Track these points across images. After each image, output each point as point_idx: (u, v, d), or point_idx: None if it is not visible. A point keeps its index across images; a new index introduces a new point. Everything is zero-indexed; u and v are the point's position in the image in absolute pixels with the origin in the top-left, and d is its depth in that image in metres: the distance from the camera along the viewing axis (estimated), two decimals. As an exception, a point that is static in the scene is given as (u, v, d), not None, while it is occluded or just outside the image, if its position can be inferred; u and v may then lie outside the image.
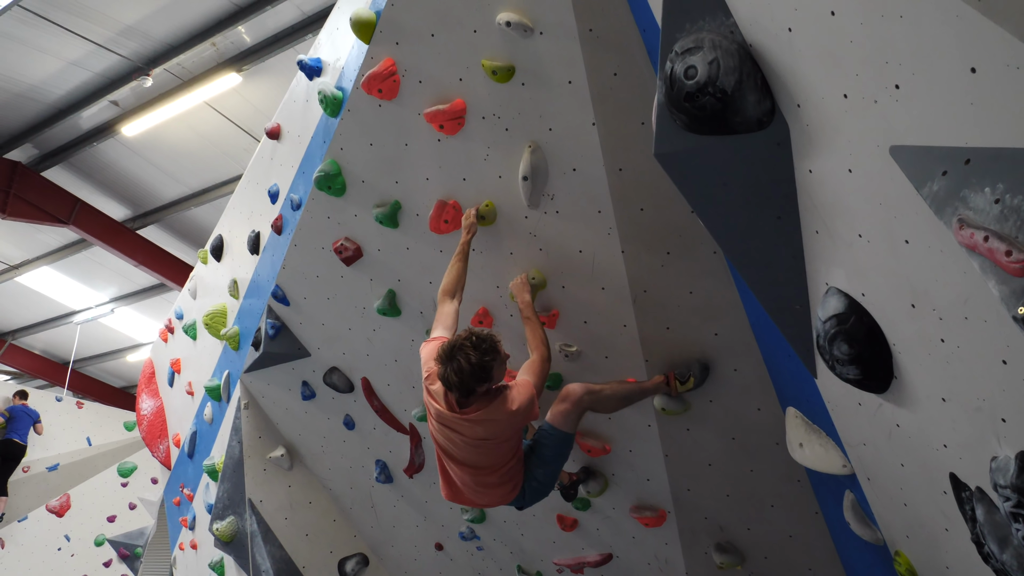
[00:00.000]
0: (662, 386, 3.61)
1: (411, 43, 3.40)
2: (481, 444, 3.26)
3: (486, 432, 3.22)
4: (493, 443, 3.26)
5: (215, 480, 6.09)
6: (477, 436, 3.23)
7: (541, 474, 3.48)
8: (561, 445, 3.49)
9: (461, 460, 3.36)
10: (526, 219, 3.58)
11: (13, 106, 10.02)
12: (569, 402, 3.44)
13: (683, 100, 2.22)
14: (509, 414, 3.17)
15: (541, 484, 3.50)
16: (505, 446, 3.30)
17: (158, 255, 12.60)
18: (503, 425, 3.20)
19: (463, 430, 3.24)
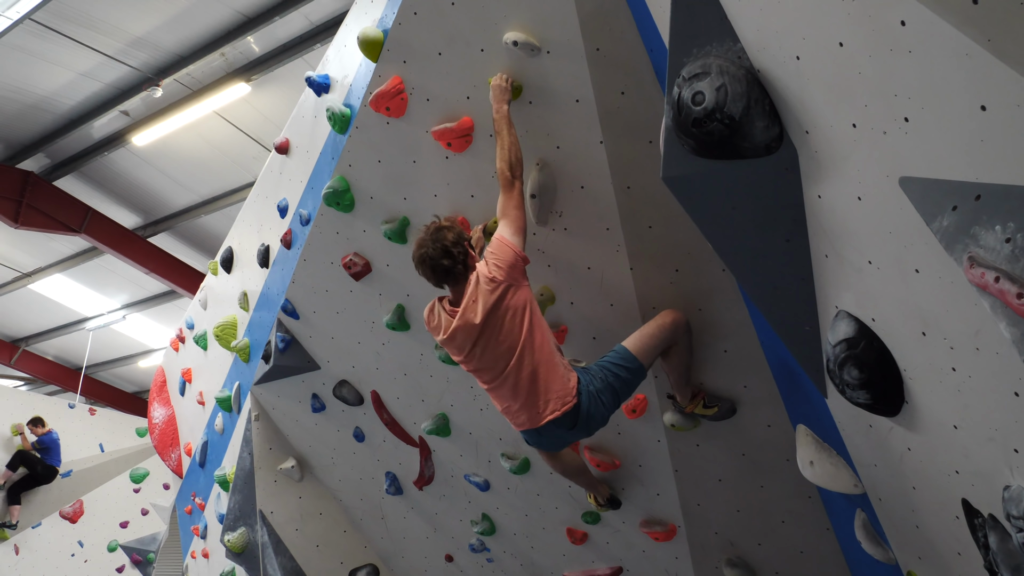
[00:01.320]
0: (688, 394, 3.48)
1: (419, 62, 3.41)
2: (489, 335, 3.08)
3: (483, 312, 3.06)
4: (497, 325, 3.07)
5: (226, 490, 6.12)
6: (480, 325, 3.07)
7: (598, 387, 3.15)
8: (629, 370, 3.19)
9: (490, 372, 3.17)
10: (534, 236, 3.57)
11: (25, 117, 10.10)
12: (662, 323, 3.24)
13: (691, 126, 2.22)
14: (488, 279, 3.05)
15: (596, 395, 3.15)
16: (512, 323, 3.07)
17: (169, 262, 12.67)
18: (490, 293, 3.05)
19: (468, 332, 3.11)
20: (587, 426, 3.21)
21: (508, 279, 3.07)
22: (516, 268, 3.08)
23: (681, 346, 3.33)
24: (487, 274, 3.08)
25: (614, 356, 3.23)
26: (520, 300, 3.10)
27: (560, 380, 3.12)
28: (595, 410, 3.15)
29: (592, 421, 3.19)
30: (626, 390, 3.23)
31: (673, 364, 3.39)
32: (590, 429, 3.24)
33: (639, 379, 3.23)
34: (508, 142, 3.11)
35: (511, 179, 3.09)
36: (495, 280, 3.07)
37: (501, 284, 3.07)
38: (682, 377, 3.44)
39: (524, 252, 3.11)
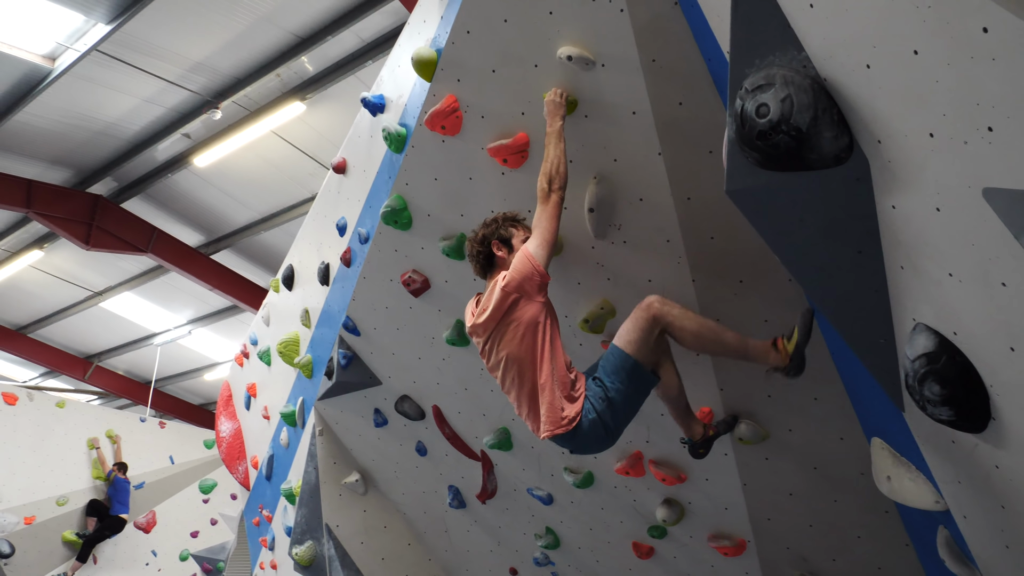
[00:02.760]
0: (770, 352, 3.01)
1: (472, 80, 3.42)
2: (493, 340, 3.12)
3: (488, 316, 3.09)
4: (500, 333, 3.09)
5: (292, 503, 6.22)
6: (482, 326, 3.13)
7: (599, 406, 3.07)
8: (623, 374, 3.06)
9: (497, 376, 3.22)
10: (593, 249, 3.55)
11: (94, 143, 10.50)
12: (636, 312, 3.09)
13: (755, 138, 2.16)
14: (498, 287, 3.07)
15: (599, 420, 3.07)
16: (514, 335, 3.07)
17: (231, 278, 13.02)
18: (499, 300, 3.06)
19: (475, 331, 3.20)
20: (589, 447, 3.23)
21: (516, 291, 3.06)
22: (529, 281, 3.05)
23: (683, 331, 3.08)
24: (500, 282, 3.11)
25: (607, 362, 3.14)
26: (528, 315, 3.08)
27: (555, 409, 3.08)
28: (594, 434, 3.11)
29: (592, 443, 3.18)
30: (629, 396, 3.11)
31: (694, 340, 3.11)
32: (596, 448, 3.26)
33: (639, 377, 3.09)
34: (552, 155, 3.09)
35: (547, 191, 3.07)
36: (505, 290, 3.08)
37: (510, 295, 3.07)
38: (723, 347, 3.13)
39: (544, 268, 3.06)
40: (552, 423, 3.09)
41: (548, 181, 3.07)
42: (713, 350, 3.19)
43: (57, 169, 11.15)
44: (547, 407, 3.09)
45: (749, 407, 3.58)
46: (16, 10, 8.05)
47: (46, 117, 9.79)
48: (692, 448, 3.43)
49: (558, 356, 3.13)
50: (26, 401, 11.16)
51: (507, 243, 3.27)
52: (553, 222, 3.08)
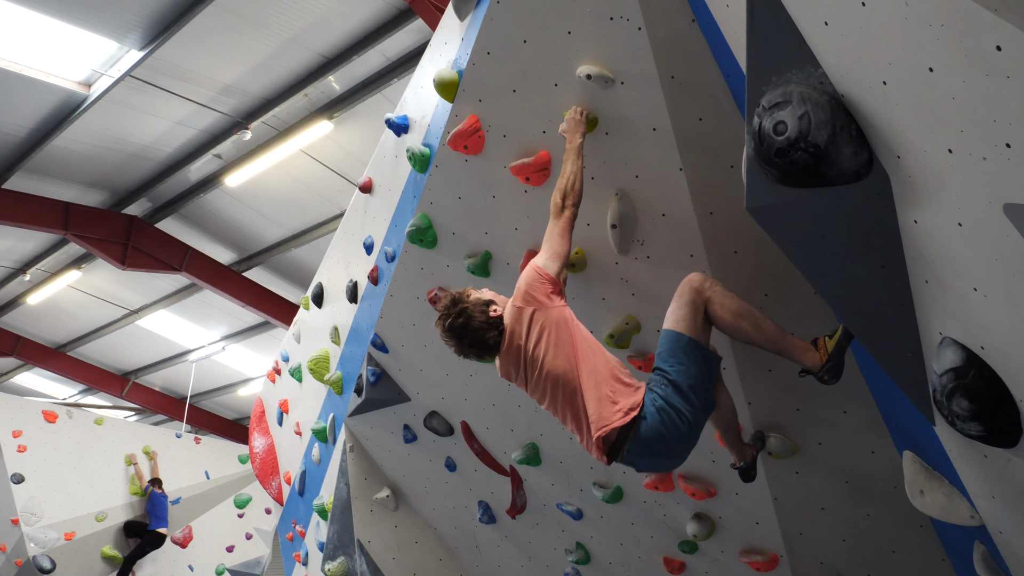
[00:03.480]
0: (808, 351, 2.84)
1: (494, 100, 3.45)
2: (534, 363, 2.96)
3: (511, 342, 2.98)
4: (528, 353, 2.96)
5: (325, 519, 6.28)
6: (522, 356, 2.99)
7: (663, 391, 2.83)
8: (680, 354, 2.85)
9: (549, 401, 3.04)
10: (616, 265, 3.56)
11: (129, 166, 10.75)
12: (679, 290, 2.94)
13: (774, 156, 2.16)
14: (515, 311, 2.97)
15: (667, 406, 2.80)
16: (553, 348, 2.93)
17: (263, 295, 13.21)
18: (520, 324, 2.95)
19: (512, 362, 3.04)
20: (658, 450, 2.87)
21: (526, 301, 2.97)
22: (537, 290, 2.95)
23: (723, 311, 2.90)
24: (517, 306, 3.00)
25: (661, 347, 2.95)
26: (550, 322, 2.95)
27: (604, 404, 2.86)
28: (668, 423, 2.81)
29: (667, 438, 2.83)
30: (693, 376, 2.85)
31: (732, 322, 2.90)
32: (666, 451, 2.89)
33: (699, 355, 2.87)
34: (569, 171, 3.05)
35: (560, 207, 3.02)
36: (516, 305, 3.00)
37: (523, 309, 2.98)
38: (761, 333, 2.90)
39: (554, 275, 2.97)
40: (602, 420, 2.84)
41: (562, 196, 3.03)
42: (750, 336, 2.90)
43: (94, 192, 11.42)
44: (595, 406, 2.86)
45: (778, 421, 3.55)
46: (53, 39, 8.29)
47: (83, 141, 10.05)
48: (745, 472, 3.26)
49: (597, 354, 2.96)
50: (66, 419, 11.40)
51: (496, 327, 3.05)
52: (565, 238, 3.02)
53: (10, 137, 9.98)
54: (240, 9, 7.94)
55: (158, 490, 11.47)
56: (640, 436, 2.82)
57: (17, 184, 10.84)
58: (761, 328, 2.87)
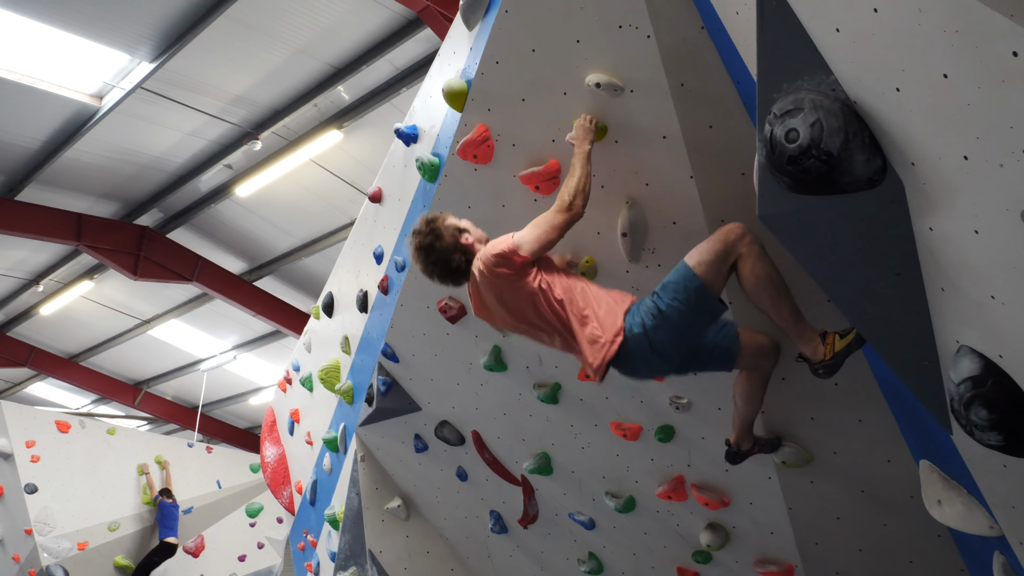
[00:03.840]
0: (814, 341, 2.84)
1: (503, 109, 3.45)
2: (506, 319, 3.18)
3: (483, 296, 3.17)
4: (502, 302, 3.11)
5: (336, 529, 6.27)
6: (489, 303, 3.17)
7: (648, 320, 2.86)
8: (684, 293, 2.83)
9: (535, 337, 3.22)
10: (627, 273, 3.54)
11: (140, 177, 10.82)
12: (715, 234, 2.87)
13: (786, 163, 2.14)
14: (475, 273, 3.09)
15: (644, 336, 2.86)
16: (519, 302, 3.05)
17: (274, 304, 13.25)
18: (484, 284, 3.09)
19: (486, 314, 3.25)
20: (638, 369, 3.01)
21: (487, 274, 3.06)
22: (497, 268, 3.02)
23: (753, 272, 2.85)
24: (477, 268, 3.10)
25: (670, 276, 2.93)
26: (518, 294, 3.05)
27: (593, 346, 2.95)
28: (639, 352, 2.90)
29: (639, 364, 2.95)
30: (684, 314, 2.84)
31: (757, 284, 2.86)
32: (643, 372, 3.05)
33: (702, 297, 2.83)
34: (579, 174, 3.02)
35: (568, 204, 2.98)
36: (480, 270, 3.09)
37: (485, 277, 3.08)
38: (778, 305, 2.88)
39: (526, 255, 2.99)
40: (595, 359, 2.95)
41: (572, 195, 2.98)
42: (765, 306, 2.87)
43: (105, 203, 11.50)
44: (586, 347, 2.97)
45: (791, 430, 3.52)
46: (65, 52, 8.36)
47: (94, 153, 10.12)
48: (732, 455, 3.38)
49: (576, 299, 3.00)
50: (79, 429, 11.44)
51: (462, 237, 3.20)
52: (558, 232, 3.01)
53: (23, 149, 10.07)
54: (250, 20, 7.99)
55: (168, 500, 11.49)
56: (621, 356, 2.93)
57: (30, 196, 10.93)
58: (779, 305, 2.85)
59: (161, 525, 11.32)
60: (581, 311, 3.00)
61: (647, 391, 3.89)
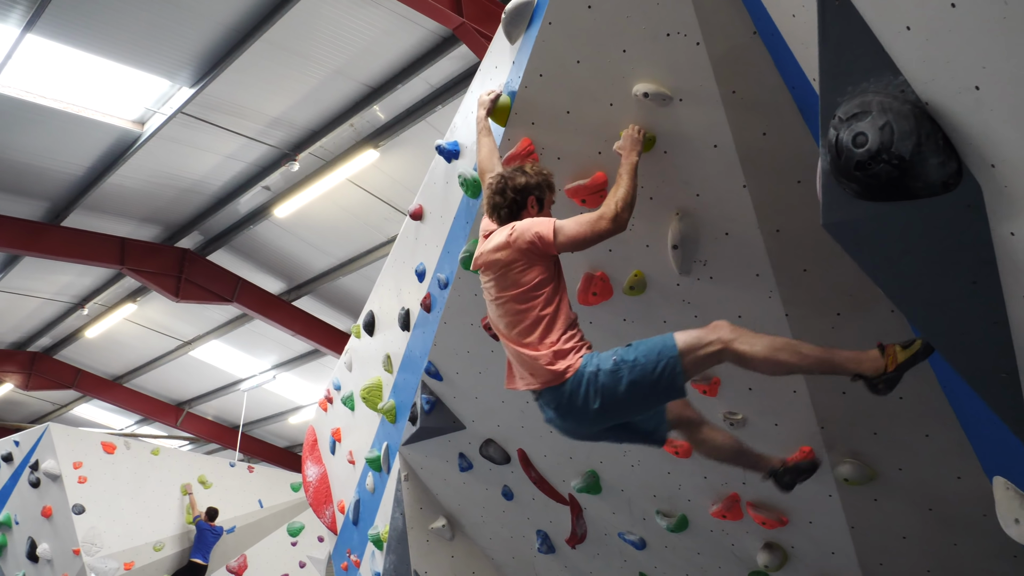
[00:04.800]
0: (868, 357, 2.63)
1: (547, 122, 3.40)
2: (496, 280, 3.02)
3: (492, 254, 3.02)
4: (503, 275, 2.99)
5: (380, 549, 6.22)
6: (489, 262, 3.04)
7: (605, 365, 2.77)
8: (655, 356, 2.72)
9: (497, 318, 3.07)
10: (678, 287, 3.45)
11: (181, 200, 11.00)
12: (707, 327, 2.76)
13: (853, 169, 2.05)
14: (505, 236, 2.98)
15: (598, 379, 2.76)
16: (516, 282, 2.94)
17: (312, 324, 13.34)
18: (501, 248, 2.98)
19: (485, 259, 3.08)
20: (572, 412, 2.86)
21: (528, 249, 2.95)
22: (539, 243, 2.93)
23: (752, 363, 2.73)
24: (509, 234, 2.99)
25: (649, 340, 2.82)
26: (534, 273, 2.95)
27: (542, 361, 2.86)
28: (584, 388, 2.78)
29: (579, 402, 2.80)
30: (642, 379, 2.72)
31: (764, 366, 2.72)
32: (577, 418, 2.88)
33: (667, 374, 2.71)
34: (626, 186, 2.92)
35: (613, 213, 2.86)
36: (507, 243, 2.99)
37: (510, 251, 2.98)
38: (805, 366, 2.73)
39: (556, 245, 2.91)
40: (537, 375, 2.88)
41: (619, 207, 2.88)
42: (793, 364, 2.69)
43: (147, 226, 11.71)
44: (530, 360, 2.89)
45: (853, 446, 3.39)
46: (108, 80, 8.54)
47: (137, 178, 10.31)
48: (778, 476, 3.11)
49: (560, 317, 2.94)
50: (123, 450, 11.58)
51: (541, 203, 3.14)
52: (595, 238, 2.92)
53: (68, 176, 10.30)
54: (286, 43, 8.08)
55: (206, 521, 11.51)
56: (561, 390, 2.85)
57: (75, 221, 11.17)
58: (803, 353, 2.68)
59: (193, 546, 11.39)
60: (551, 323, 2.92)
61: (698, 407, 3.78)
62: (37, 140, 9.47)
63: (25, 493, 11.04)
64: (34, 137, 9.41)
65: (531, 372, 2.93)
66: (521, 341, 2.96)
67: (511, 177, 3.11)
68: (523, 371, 2.98)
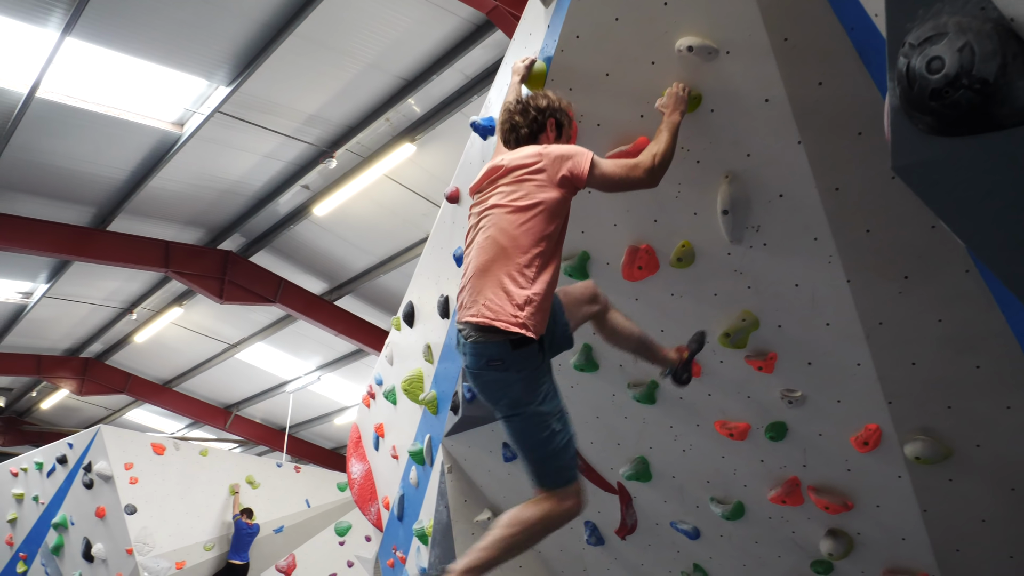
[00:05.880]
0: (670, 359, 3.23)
1: (585, 86, 3.23)
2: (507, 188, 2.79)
3: (519, 159, 2.81)
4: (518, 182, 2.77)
5: (425, 544, 6.11)
6: (513, 167, 2.81)
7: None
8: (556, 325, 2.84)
9: (482, 237, 2.81)
10: (729, 256, 3.25)
11: (222, 202, 11.07)
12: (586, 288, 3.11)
13: (928, 99, 1.84)
14: (536, 152, 2.80)
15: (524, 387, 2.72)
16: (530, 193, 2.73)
17: (354, 323, 13.35)
18: (531, 157, 2.79)
19: (490, 184, 2.88)
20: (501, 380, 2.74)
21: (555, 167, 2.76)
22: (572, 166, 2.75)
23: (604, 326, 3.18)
24: (541, 148, 2.84)
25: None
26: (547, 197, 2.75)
27: (510, 301, 2.63)
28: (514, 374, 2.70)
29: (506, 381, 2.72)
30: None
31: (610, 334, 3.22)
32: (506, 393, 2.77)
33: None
34: (665, 142, 2.80)
35: (648, 166, 2.75)
36: (539, 153, 2.80)
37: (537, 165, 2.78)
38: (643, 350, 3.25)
39: (590, 174, 2.75)
40: (497, 314, 2.62)
41: (658, 161, 2.76)
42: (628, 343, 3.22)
43: (190, 229, 11.82)
44: (499, 291, 2.66)
45: (925, 422, 3.15)
46: (147, 82, 8.61)
47: (178, 180, 10.40)
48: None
49: (549, 270, 2.75)
50: (173, 451, 11.73)
51: (560, 129, 3.00)
52: (624, 186, 2.83)
53: (112, 180, 10.43)
54: (319, 38, 8.04)
55: (245, 520, 11.55)
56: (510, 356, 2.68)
57: (120, 226, 11.32)
58: (636, 342, 3.24)
59: (231, 547, 11.44)
60: (541, 268, 2.72)
61: (753, 385, 3.58)
62: (81, 145, 9.60)
63: (79, 494, 11.25)
64: (78, 142, 9.54)
65: (489, 306, 2.65)
66: (500, 264, 2.68)
67: (532, 98, 3.02)
68: (480, 300, 2.69)
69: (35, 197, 10.57)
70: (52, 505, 11.75)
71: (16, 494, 12.45)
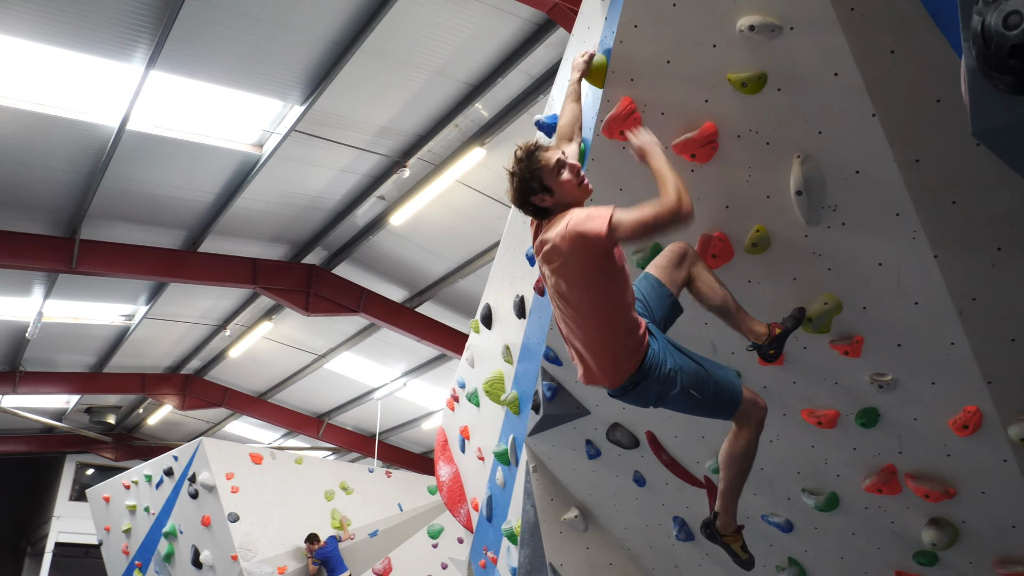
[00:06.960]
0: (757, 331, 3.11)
1: (647, 76, 3.19)
2: (558, 283, 2.94)
3: (551, 256, 2.92)
4: (565, 278, 2.90)
5: (514, 543, 6.14)
6: (547, 264, 2.97)
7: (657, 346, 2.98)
8: (661, 300, 3.14)
9: (564, 317, 3.04)
10: (806, 238, 3.15)
11: (303, 218, 11.43)
12: (672, 252, 3.22)
13: (1006, 57, 1.75)
14: (560, 233, 2.84)
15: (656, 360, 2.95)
16: (582, 284, 2.86)
17: (436, 329, 13.56)
18: (559, 247, 2.85)
19: (543, 262, 3.00)
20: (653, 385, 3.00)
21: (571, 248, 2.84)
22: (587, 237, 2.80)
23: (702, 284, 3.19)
24: (564, 229, 2.86)
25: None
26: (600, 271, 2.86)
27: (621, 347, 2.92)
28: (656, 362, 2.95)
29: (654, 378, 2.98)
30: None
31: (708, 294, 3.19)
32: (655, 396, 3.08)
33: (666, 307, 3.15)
34: (669, 174, 2.87)
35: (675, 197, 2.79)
36: (573, 244, 2.84)
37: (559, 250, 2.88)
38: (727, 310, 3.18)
39: (615, 238, 2.77)
40: (599, 381, 3.04)
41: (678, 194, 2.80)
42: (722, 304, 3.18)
43: (275, 246, 12.24)
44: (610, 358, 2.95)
45: (1028, 400, 2.97)
46: (226, 107, 8.98)
47: (260, 199, 10.79)
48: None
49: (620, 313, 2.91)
50: (270, 460, 12.17)
51: (547, 190, 3.02)
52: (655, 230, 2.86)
53: (200, 203, 10.91)
54: (385, 50, 8.20)
55: (319, 548, 11.54)
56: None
57: (209, 246, 11.83)
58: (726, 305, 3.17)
59: (329, 568, 11.56)
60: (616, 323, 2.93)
61: (840, 371, 3.46)
62: (170, 172, 10.08)
63: (186, 504, 11.79)
64: (167, 169, 10.02)
65: (591, 373, 3.07)
66: (583, 344, 3.01)
67: (511, 174, 3.18)
68: (582, 367, 3.09)
69: (131, 224, 11.15)
70: (162, 515, 12.37)
71: (129, 505, 13.16)
